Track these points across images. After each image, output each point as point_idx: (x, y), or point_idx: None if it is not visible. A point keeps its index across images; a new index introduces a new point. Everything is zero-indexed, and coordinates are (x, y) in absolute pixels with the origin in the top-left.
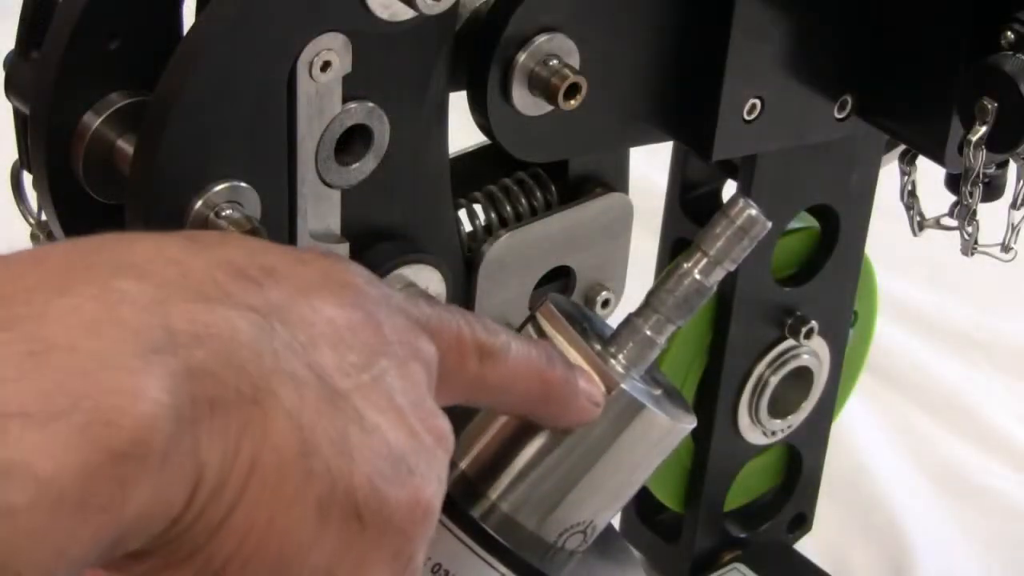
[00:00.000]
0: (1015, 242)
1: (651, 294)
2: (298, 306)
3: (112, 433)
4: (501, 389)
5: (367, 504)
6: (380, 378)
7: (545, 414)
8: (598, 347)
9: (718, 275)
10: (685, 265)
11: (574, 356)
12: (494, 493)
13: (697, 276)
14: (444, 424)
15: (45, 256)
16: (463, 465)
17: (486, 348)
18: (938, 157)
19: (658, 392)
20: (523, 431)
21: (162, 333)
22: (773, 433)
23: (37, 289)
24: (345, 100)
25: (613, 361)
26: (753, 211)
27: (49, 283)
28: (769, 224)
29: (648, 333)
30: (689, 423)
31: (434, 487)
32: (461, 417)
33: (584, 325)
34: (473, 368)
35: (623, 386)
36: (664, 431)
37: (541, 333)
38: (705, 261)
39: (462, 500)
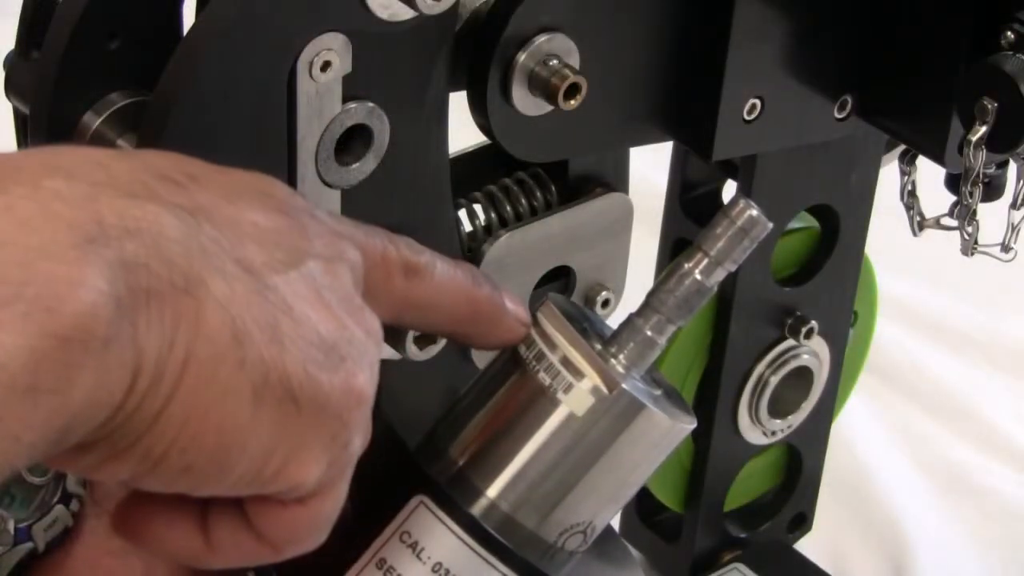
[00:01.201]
0: (1015, 242)
1: (652, 294)
2: (223, 208)
3: (56, 319)
4: (427, 306)
5: (302, 389)
6: (308, 274)
7: (474, 334)
8: (599, 347)
9: (719, 276)
10: (686, 265)
11: (575, 355)
12: (494, 492)
13: (698, 276)
14: (373, 320)
15: None
16: (462, 463)
17: (411, 265)
18: (938, 157)
19: (658, 392)
20: (524, 430)
21: (95, 226)
22: (773, 433)
23: None
24: (345, 100)
25: (614, 361)
26: (754, 212)
27: None
28: (770, 225)
29: (649, 333)
30: (689, 423)
31: (367, 374)
32: (460, 414)
33: (584, 325)
34: (399, 284)
35: (624, 386)
36: (664, 431)
37: (542, 333)
38: (706, 262)
39: (462, 499)
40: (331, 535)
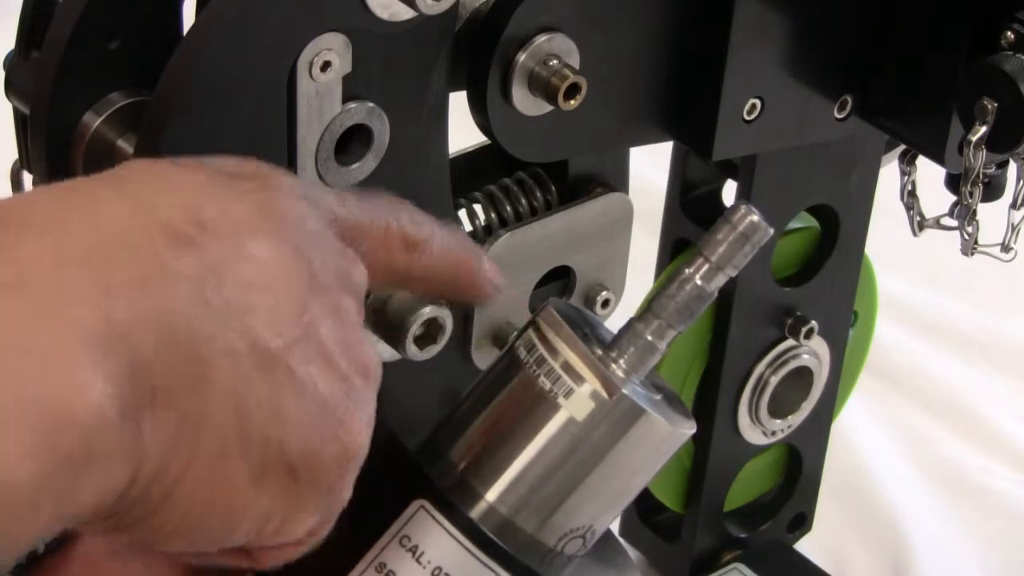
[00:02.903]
0: (1015, 242)
1: (653, 299)
2: (232, 265)
3: (62, 431)
4: (424, 278)
5: (301, 463)
6: (312, 324)
7: (455, 297)
8: (599, 352)
9: (720, 281)
10: (687, 271)
11: (575, 360)
12: (494, 496)
13: (699, 282)
14: (371, 356)
15: None
16: (462, 467)
17: (411, 240)
18: (938, 157)
19: (658, 397)
20: (524, 435)
21: (104, 326)
22: (773, 433)
23: None
24: (345, 100)
25: (614, 366)
26: (755, 217)
27: None
28: (771, 231)
29: (649, 338)
30: (689, 428)
31: (363, 432)
32: (460, 418)
33: (585, 330)
34: (399, 260)
35: (624, 391)
36: (664, 436)
37: (543, 337)
38: (707, 267)
39: (461, 502)
40: (331, 540)
